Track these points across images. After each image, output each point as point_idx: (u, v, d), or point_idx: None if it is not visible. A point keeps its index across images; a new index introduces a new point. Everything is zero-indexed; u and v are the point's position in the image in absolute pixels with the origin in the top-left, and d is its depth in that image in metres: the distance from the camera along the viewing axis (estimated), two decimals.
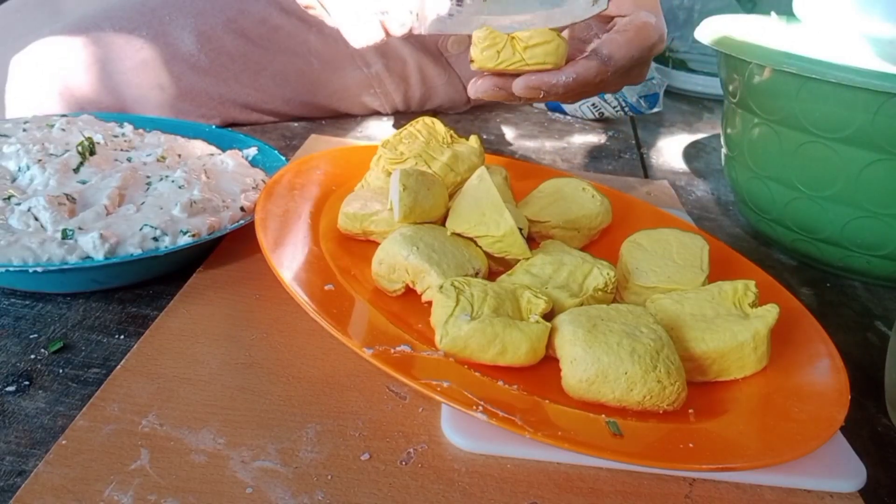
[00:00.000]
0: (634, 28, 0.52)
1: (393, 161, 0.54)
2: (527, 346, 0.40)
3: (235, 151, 0.63)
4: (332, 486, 0.35)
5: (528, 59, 0.49)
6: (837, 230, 0.61)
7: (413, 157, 0.53)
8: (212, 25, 0.81)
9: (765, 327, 0.42)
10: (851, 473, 0.38)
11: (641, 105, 1.02)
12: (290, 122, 0.89)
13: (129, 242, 0.47)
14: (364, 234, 0.51)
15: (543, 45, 0.48)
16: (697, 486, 0.37)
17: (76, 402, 0.39)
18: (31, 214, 0.48)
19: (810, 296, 0.61)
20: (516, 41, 0.49)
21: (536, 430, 0.35)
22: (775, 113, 0.62)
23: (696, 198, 0.81)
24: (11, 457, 0.35)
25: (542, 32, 0.49)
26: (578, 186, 0.57)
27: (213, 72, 0.81)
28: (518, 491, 0.36)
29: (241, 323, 0.46)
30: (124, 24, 0.78)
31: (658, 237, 0.52)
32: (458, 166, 0.54)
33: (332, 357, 0.43)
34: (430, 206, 0.48)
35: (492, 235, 0.46)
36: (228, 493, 0.33)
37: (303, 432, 0.38)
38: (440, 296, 0.41)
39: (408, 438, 0.38)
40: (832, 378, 0.43)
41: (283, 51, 0.84)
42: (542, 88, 0.49)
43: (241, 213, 0.54)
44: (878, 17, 0.67)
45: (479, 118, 1.00)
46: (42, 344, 0.43)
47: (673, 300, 0.45)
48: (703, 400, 0.41)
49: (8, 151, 0.56)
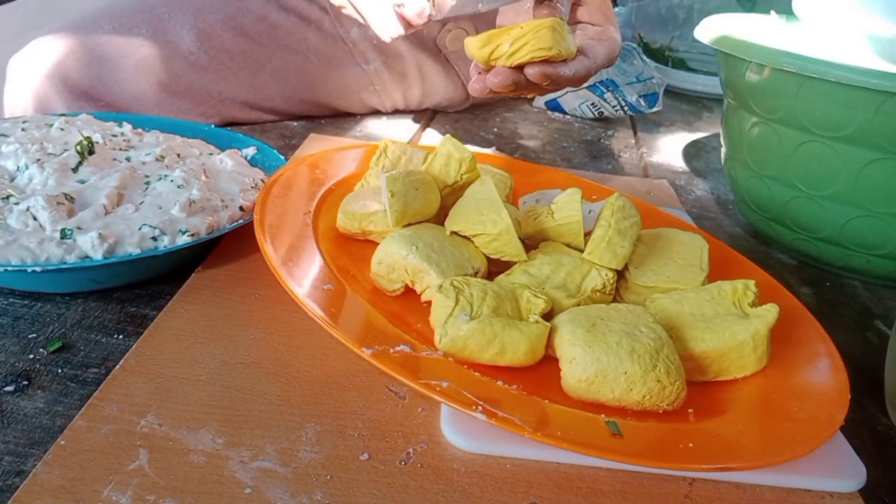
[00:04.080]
0: (608, 40, 0.56)
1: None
2: (526, 345, 0.39)
3: (234, 151, 0.63)
4: (332, 486, 0.35)
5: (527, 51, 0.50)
6: (837, 229, 0.61)
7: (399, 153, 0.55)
8: (211, 23, 0.81)
9: (764, 327, 0.42)
10: (851, 473, 0.38)
11: (641, 104, 1.02)
12: (289, 122, 0.89)
13: (127, 242, 0.47)
14: (363, 233, 0.51)
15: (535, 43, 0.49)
16: (697, 485, 0.37)
17: (75, 402, 0.39)
18: (29, 214, 0.48)
19: (810, 295, 0.61)
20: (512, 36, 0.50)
21: (536, 430, 0.35)
22: (775, 112, 0.62)
23: (695, 197, 0.81)
24: (10, 457, 0.35)
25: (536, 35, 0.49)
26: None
27: (211, 69, 0.81)
28: (518, 491, 0.36)
29: (241, 322, 0.46)
30: (123, 21, 0.78)
31: (658, 236, 0.52)
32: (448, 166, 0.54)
33: (332, 357, 0.43)
34: (421, 206, 0.48)
35: (488, 234, 0.46)
36: (227, 494, 0.33)
37: (302, 432, 0.38)
38: (439, 295, 0.41)
39: (407, 438, 0.38)
40: (832, 378, 0.43)
41: (282, 48, 0.84)
42: (552, 77, 0.52)
43: (239, 213, 0.54)
44: (878, 16, 0.67)
45: (479, 117, 1.00)
46: (40, 344, 0.43)
47: (672, 300, 0.45)
48: (702, 400, 0.41)
49: (6, 151, 0.56)
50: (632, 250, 0.48)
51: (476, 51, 0.50)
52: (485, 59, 0.51)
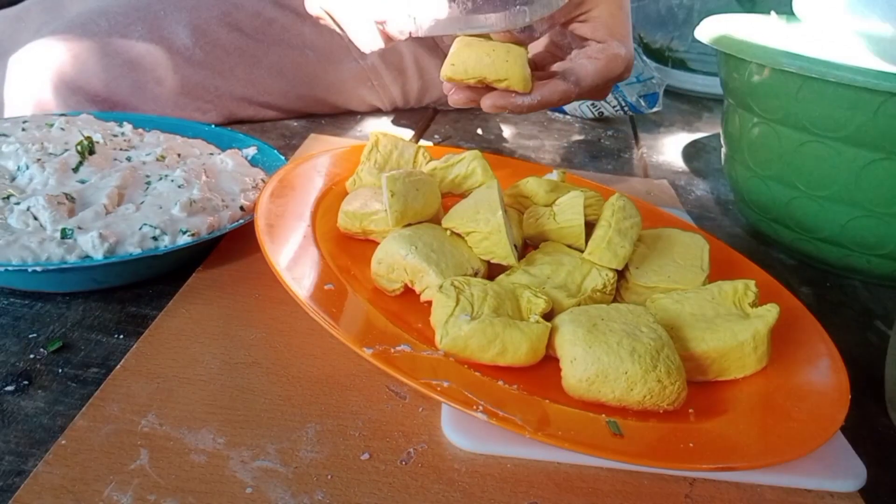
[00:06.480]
0: (606, 58, 0.55)
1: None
2: (527, 345, 0.39)
3: (235, 151, 0.63)
4: (332, 485, 0.35)
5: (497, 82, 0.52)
6: (837, 229, 0.61)
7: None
8: (206, 19, 0.81)
9: (765, 327, 0.42)
10: (851, 473, 0.38)
11: (641, 104, 1.02)
12: (289, 122, 0.89)
13: (128, 242, 0.47)
14: (363, 233, 0.51)
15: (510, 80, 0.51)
16: (697, 485, 0.37)
17: (75, 402, 0.39)
18: (30, 214, 0.48)
19: (810, 295, 0.61)
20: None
21: (536, 430, 0.35)
22: (775, 112, 0.62)
23: (695, 197, 0.81)
24: (11, 456, 0.35)
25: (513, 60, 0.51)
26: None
27: (208, 65, 0.81)
28: (518, 491, 0.36)
29: (241, 322, 0.46)
30: (119, 20, 0.78)
31: (658, 237, 0.52)
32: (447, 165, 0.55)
33: (332, 357, 0.43)
34: (421, 206, 0.48)
35: (479, 231, 0.46)
36: (228, 493, 0.33)
37: (302, 432, 0.38)
38: (440, 295, 0.41)
39: (408, 438, 0.38)
40: (832, 378, 0.43)
41: (278, 43, 0.84)
42: (508, 108, 0.53)
43: (240, 213, 0.54)
44: (878, 17, 0.67)
45: (479, 117, 1.00)
46: (41, 343, 0.43)
47: (673, 300, 0.45)
48: (703, 400, 0.41)
49: (7, 150, 0.56)
50: (632, 250, 0.48)
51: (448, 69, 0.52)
52: (444, 78, 0.53)
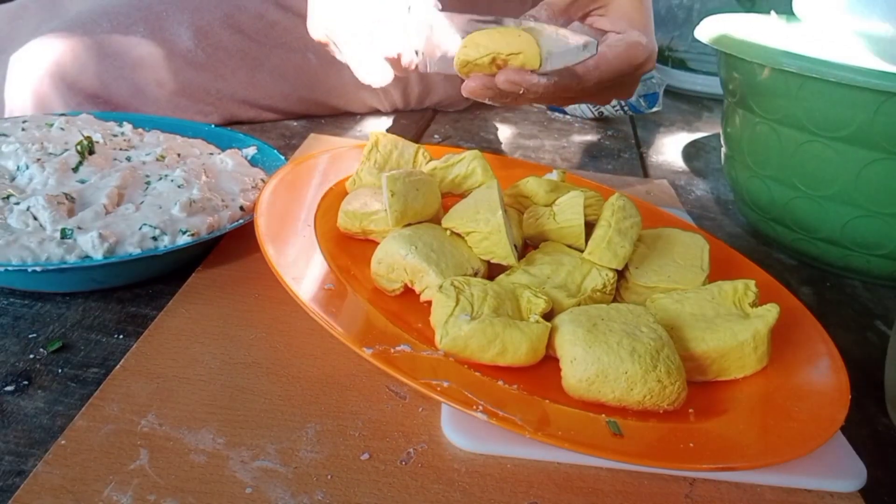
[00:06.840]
0: (625, 45, 0.54)
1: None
2: (527, 346, 0.39)
3: (235, 151, 0.63)
4: (332, 485, 0.35)
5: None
6: (837, 229, 0.61)
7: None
8: (208, 21, 0.81)
9: (765, 327, 0.42)
10: (851, 473, 0.38)
11: (641, 104, 1.02)
12: (289, 122, 0.89)
13: (128, 242, 0.47)
14: (363, 233, 0.51)
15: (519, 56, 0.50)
16: (697, 485, 0.37)
17: (75, 402, 0.39)
18: (29, 214, 0.48)
19: (810, 295, 0.61)
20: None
21: (536, 430, 0.35)
22: (775, 112, 0.62)
23: (695, 197, 0.81)
24: (10, 457, 0.35)
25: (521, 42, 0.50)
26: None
27: (210, 67, 0.81)
28: (518, 491, 0.36)
29: (241, 322, 0.46)
30: (121, 20, 0.78)
31: (658, 237, 0.52)
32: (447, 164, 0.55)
33: (332, 357, 0.43)
34: (421, 206, 0.48)
35: (479, 231, 0.46)
36: (228, 493, 0.33)
37: (302, 432, 0.38)
38: (440, 295, 0.41)
39: (408, 438, 0.38)
40: (832, 378, 0.43)
41: (280, 46, 0.84)
42: (523, 85, 0.51)
43: (240, 213, 0.54)
44: (878, 17, 0.67)
45: (479, 117, 1.00)
46: (41, 343, 0.43)
47: (673, 300, 0.45)
48: (703, 400, 0.41)
49: (7, 150, 0.56)
50: (632, 250, 0.48)
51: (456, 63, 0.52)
52: (459, 67, 0.52)
